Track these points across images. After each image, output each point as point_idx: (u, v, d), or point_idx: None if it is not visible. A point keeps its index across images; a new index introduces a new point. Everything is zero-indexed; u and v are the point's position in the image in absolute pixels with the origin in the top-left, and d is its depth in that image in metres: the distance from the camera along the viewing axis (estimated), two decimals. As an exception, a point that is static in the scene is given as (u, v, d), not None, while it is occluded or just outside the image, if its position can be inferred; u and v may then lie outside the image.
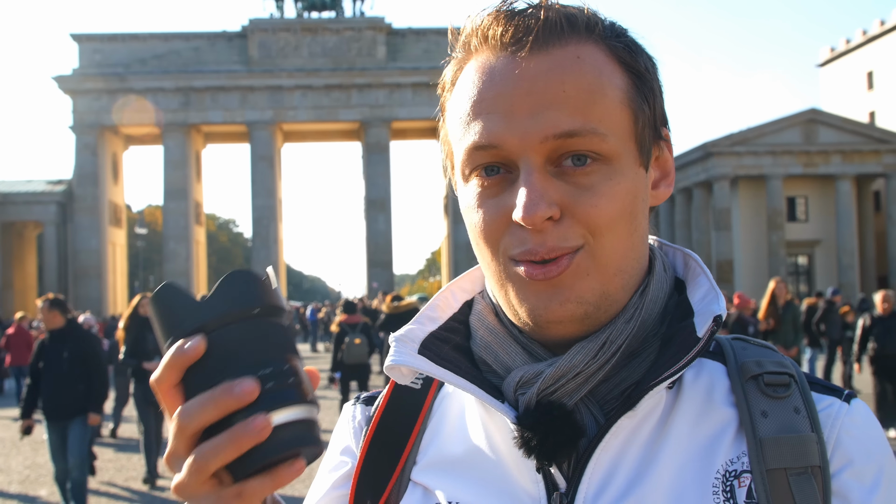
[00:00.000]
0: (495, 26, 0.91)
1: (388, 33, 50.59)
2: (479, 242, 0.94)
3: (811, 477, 0.87)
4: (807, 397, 0.92)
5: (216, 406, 0.72)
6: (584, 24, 0.91)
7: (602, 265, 0.90)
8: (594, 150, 0.88)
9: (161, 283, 0.82)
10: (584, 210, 0.88)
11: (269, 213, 48.89)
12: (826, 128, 46.20)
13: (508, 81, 0.89)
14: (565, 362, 0.91)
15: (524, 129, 0.88)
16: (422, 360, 0.97)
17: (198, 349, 0.73)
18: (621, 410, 0.89)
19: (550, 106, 0.87)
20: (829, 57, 69.70)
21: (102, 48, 49.47)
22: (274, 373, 0.74)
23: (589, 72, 0.89)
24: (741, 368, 0.94)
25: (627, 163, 0.91)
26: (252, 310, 0.75)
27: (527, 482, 0.93)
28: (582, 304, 0.90)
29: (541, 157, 0.88)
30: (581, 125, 0.87)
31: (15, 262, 51.14)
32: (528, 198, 0.86)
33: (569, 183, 0.89)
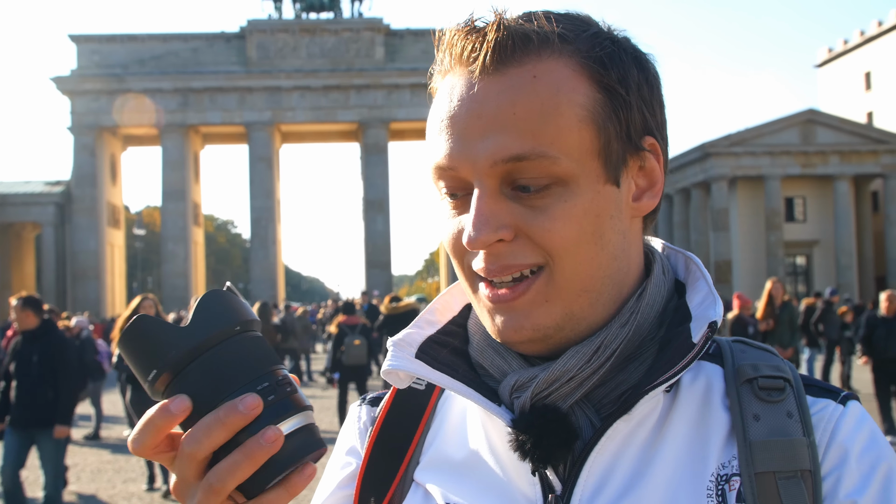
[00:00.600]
0: (458, 43, 0.90)
1: (386, 34, 50.62)
2: (451, 258, 0.96)
3: (800, 481, 0.86)
4: (801, 402, 0.91)
5: (224, 426, 0.72)
6: (539, 39, 0.88)
7: (563, 289, 0.89)
8: (545, 174, 0.86)
9: (159, 285, 0.82)
10: (537, 233, 0.87)
11: (267, 213, 48.89)
12: (824, 128, 46.25)
13: (463, 103, 0.88)
14: (558, 367, 0.91)
15: (475, 152, 0.87)
16: (419, 364, 0.98)
17: (185, 408, 0.74)
18: (617, 414, 0.89)
19: (499, 129, 0.86)
20: (827, 57, 69.79)
21: (101, 49, 49.47)
22: (271, 385, 0.75)
23: (544, 91, 0.87)
24: (737, 372, 0.94)
25: (587, 182, 0.88)
26: (233, 328, 0.76)
27: (524, 485, 0.93)
28: (539, 329, 0.90)
29: (493, 179, 0.87)
30: (530, 149, 0.85)
31: (13, 264, 51.12)
32: (472, 223, 0.87)
33: (524, 205, 0.88)
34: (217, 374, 0.75)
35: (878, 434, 0.92)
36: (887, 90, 60.57)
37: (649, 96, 0.93)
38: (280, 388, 0.76)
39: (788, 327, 12.45)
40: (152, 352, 0.75)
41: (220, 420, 0.72)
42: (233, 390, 0.74)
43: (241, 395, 0.73)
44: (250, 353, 0.77)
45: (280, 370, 0.78)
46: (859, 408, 0.93)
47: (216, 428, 0.72)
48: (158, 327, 0.75)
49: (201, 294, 0.78)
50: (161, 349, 0.74)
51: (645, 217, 0.98)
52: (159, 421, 0.74)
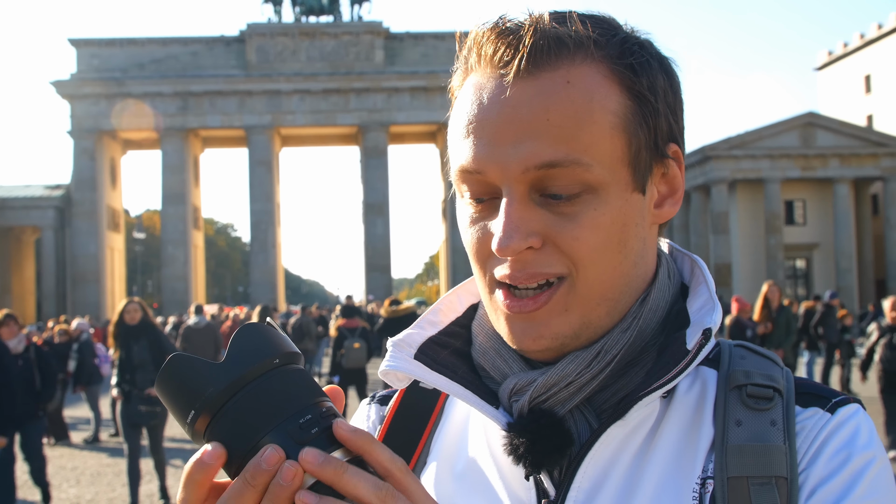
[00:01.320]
0: (488, 44, 0.89)
1: (385, 37, 50.63)
2: (471, 261, 0.95)
3: (774, 488, 0.85)
4: (788, 411, 0.90)
5: (253, 488, 0.69)
6: (574, 44, 0.87)
7: (583, 297, 0.89)
8: (577, 181, 0.86)
9: (158, 289, 0.79)
10: (565, 242, 0.87)
11: (267, 217, 48.88)
12: (824, 131, 46.23)
13: (494, 106, 0.87)
14: (556, 371, 0.90)
15: (506, 158, 0.86)
16: (417, 365, 0.97)
17: (219, 457, 0.70)
18: (612, 420, 0.89)
19: (533, 135, 0.85)
20: (826, 60, 69.81)
21: (100, 53, 49.50)
22: (314, 418, 0.72)
23: (578, 98, 0.86)
24: (728, 377, 0.93)
25: (616, 190, 0.88)
26: (272, 360, 0.73)
27: (519, 489, 0.93)
28: (557, 338, 0.90)
29: (523, 185, 0.86)
30: (563, 156, 0.85)
31: (13, 267, 51.11)
32: (503, 230, 0.86)
33: (553, 212, 0.87)
34: (257, 409, 0.71)
35: (863, 433, 0.89)
36: (887, 93, 60.57)
37: (673, 103, 0.93)
38: (324, 420, 0.72)
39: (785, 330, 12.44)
40: (189, 392, 0.72)
41: (249, 483, 0.69)
42: (273, 426, 0.70)
43: (264, 448, 0.69)
44: (291, 386, 0.73)
45: (325, 402, 0.75)
46: (850, 412, 0.90)
47: (247, 491, 0.69)
48: (194, 365, 0.72)
49: (201, 298, 0.76)
50: (197, 388, 0.71)
51: (661, 226, 0.98)
52: (198, 475, 0.71)
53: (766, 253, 45.82)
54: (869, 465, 0.86)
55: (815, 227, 48.70)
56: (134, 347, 8.91)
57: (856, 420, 0.90)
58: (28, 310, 50.84)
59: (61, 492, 10.15)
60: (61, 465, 11.98)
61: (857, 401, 0.92)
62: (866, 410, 0.93)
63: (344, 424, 0.72)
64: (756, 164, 45.72)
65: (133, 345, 8.93)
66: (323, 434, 0.71)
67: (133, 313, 8.97)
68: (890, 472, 0.89)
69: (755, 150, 45.57)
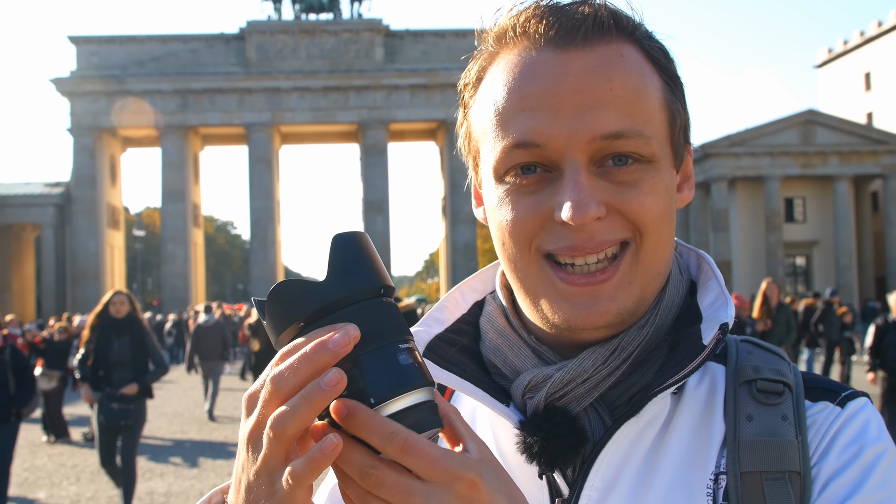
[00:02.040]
0: (536, 20, 0.88)
1: (385, 35, 50.62)
2: (507, 240, 0.91)
3: (787, 482, 0.85)
4: (798, 405, 0.90)
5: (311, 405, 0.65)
6: (627, 23, 0.90)
7: (644, 269, 0.89)
8: (638, 152, 0.86)
9: (158, 286, 0.75)
10: (631, 208, 0.87)
11: (267, 214, 48.88)
12: (824, 129, 46.24)
13: (554, 77, 0.86)
14: (575, 366, 0.89)
15: (571, 127, 0.85)
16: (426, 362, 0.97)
17: (340, 383, 0.65)
18: (626, 416, 0.88)
19: (598, 105, 0.85)
20: (826, 58, 69.79)
21: (100, 50, 49.48)
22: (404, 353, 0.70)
23: (633, 71, 0.87)
24: (738, 372, 0.93)
25: (665, 164, 0.90)
26: (378, 290, 0.72)
27: (531, 487, 0.92)
28: (622, 313, 0.89)
29: (585, 156, 0.86)
30: (628, 127, 0.85)
31: (13, 265, 51.11)
32: (578, 197, 0.84)
33: (612, 182, 0.87)
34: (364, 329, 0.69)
35: (872, 426, 0.89)
36: (887, 91, 60.56)
37: (684, 96, 0.96)
38: (412, 356, 0.70)
39: (785, 328, 12.46)
40: (293, 304, 0.70)
41: (305, 398, 0.65)
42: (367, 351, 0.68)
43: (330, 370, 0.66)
44: (388, 318, 0.71)
45: (412, 339, 0.73)
46: (859, 406, 0.90)
47: (302, 406, 0.65)
48: (300, 283, 0.71)
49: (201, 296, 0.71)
50: (302, 301, 0.70)
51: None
52: (315, 398, 0.65)
53: (765, 250, 45.83)
54: (881, 458, 0.86)
55: (815, 224, 48.72)
56: (115, 343, 8.16)
57: (865, 413, 0.90)
58: (28, 307, 50.85)
59: (61, 489, 10.15)
60: (61, 462, 11.98)
61: (865, 395, 0.93)
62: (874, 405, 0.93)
63: (339, 405, 0.68)
64: (756, 161, 45.72)
65: (114, 340, 8.17)
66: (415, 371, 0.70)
67: (119, 305, 8.29)
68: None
69: (755, 147, 45.58)
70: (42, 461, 12.15)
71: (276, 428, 0.65)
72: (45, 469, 11.50)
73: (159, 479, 10.42)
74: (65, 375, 14.19)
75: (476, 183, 1.00)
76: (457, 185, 48.06)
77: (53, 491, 10.06)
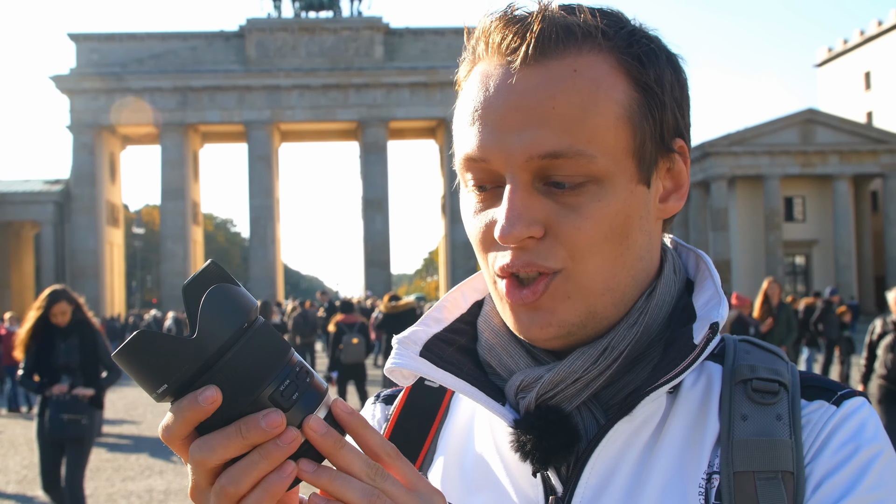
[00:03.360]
0: (496, 33, 0.88)
1: (385, 33, 50.61)
2: (476, 252, 0.94)
3: (780, 482, 0.84)
4: (794, 405, 0.89)
5: (243, 440, 0.70)
6: (582, 33, 0.87)
7: (584, 287, 0.88)
8: (581, 172, 0.85)
9: (158, 284, 0.76)
10: (567, 231, 0.86)
11: (266, 212, 48.89)
12: (823, 128, 46.24)
13: (500, 93, 0.86)
14: (564, 368, 0.90)
15: (510, 145, 0.85)
16: (422, 362, 0.97)
17: (215, 400, 0.69)
18: (619, 415, 0.88)
19: (537, 123, 0.84)
20: (826, 57, 69.78)
21: (100, 48, 49.46)
22: (293, 382, 0.72)
23: (584, 87, 0.85)
24: (734, 372, 0.93)
25: (621, 181, 0.87)
26: (242, 326, 0.71)
27: (526, 486, 0.93)
28: (564, 326, 0.89)
29: (527, 174, 0.86)
30: (567, 146, 0.84)
31: (12, 262, 51.11)
32: (506, 217, 0.85)
33: (557, 202, 0.86)
34: (234, 380, 0.70)
35: (869, 426, 0.88)
36: (887, 90, 60.56)
37: (680, 98, 0.93)
38: (300, 380, 0.73)
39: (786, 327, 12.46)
40: (160, 368, 0.69)
41: (241, 434, 0.69)
42: (255, 395, 0.70)
43: (266, 410, 0.70)
44: (263, 349, 0.72)
45: (294, 357, 0.74)
46: (855, 405, 0.90)
47: (235, 440, 0.70)
48: (164, 343, 0.69)
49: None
50: (170, 366, 0.69)
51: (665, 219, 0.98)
52: (188, 412, 0.70)
53: (765, 249, 45.85)
54: (876, 458, 0.85)
55: (815, 223, 48.74)
56: (60, 346, 7.13)
57: (862, 413, 0.89)
58: (27, 305, 50.75)
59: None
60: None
61: (862, 394, 0.92)
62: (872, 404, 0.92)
63: (342, 405, 0.75)
64: (755, 160, 45.73)
65: (59, 343, 7.14)
66: (304, 398, 0.73)
67: (61, 316, 7.14)
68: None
69: (755, 146, 45.58)
70: (41, 459, 12.15)
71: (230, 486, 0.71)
72: (44, 466, 11.49)
73: (158, 477, 10.42)
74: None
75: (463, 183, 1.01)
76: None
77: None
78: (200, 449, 0.71)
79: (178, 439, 0.72)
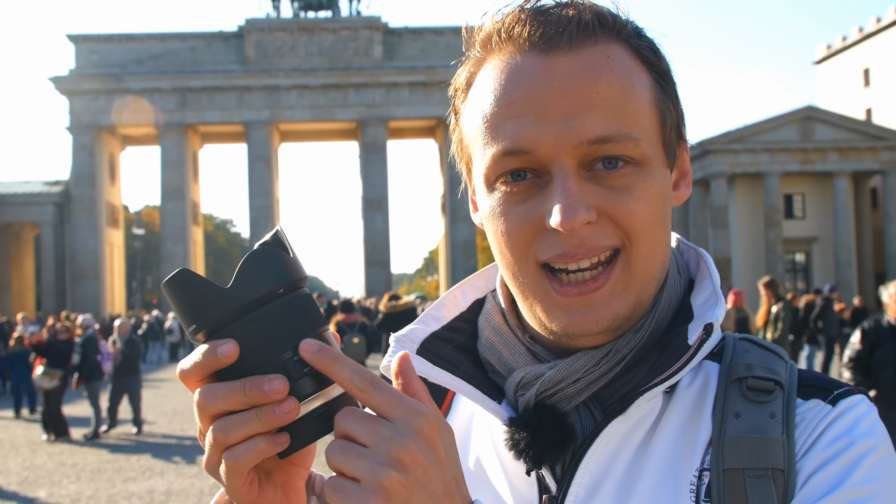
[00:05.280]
0: (521, 24, 0.88)
1: (384, 32, 50.57)
2: (504, 251, 0.91)
3: (770, 479, 0.84)
4: (789, 404, 0.89)
5: (245, 398, 0.72)
6: (613, 23, 0.89)
7: (638, 275, 0.89)
8: (628, 155, 0.86)
9: (158, 285, 0.78)
10: (621, 214, 0.86)
11: (266, 212, 48.85)
12: (823, 125, 46.19)
13: (540, 82, 0.86)
14: (566, 366, 0.90)
15: (558, 133, 0.85)
16: (418, 360, 0.97)
17: (231, 356, 0.72)
18: (613, 415, 0.89)
19: (584, 109, 0.85)
20: (825, 54, 69.71)
21: (99, 49, 49.42)
22: (302, 359, 0.74)
23: (620, 73, 0.87)
24: (731, 370, 0.93)
25: (658, 165, 0.89)
26: (277, 290, 0.74)
27: (521, 484, 0.93)
28: (617, 319, 0.89)
29: (574, 160, 0.86)
30: (616, 130, 0.85)
31: (12, 264, 51.08)
32: (567, 203, 0.84)
33: (603, 186, 0.87)
34: (257, 339, 0.73)
35: (864, 422, 0.87)
36: (886, 87, 60.51)
37: (677, 92, 0.95)
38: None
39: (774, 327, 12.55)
40: (193, 308, 0.74)
41: (244, 391, 0.72)
42: (270, 359, 0.73)
43: (272, 375, 0.72)
44: (291, 317, 0.74)
45: (326, 335, 0.77)
46: (852, 403, 0.89)
47: (236, 395, 0.72)
48: (200, 285, 0.74)
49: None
50: (201, 307, 0.73)
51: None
52: (206, 359, 0.73)
53: (765, 247, 45.81)
54: (869, 453, 0.84)
55: (815, 220, 48.69)
56: None
57: (857, 410, 0.88)
58: (27, 306, 50.82)
59: (61, 488, 10.15)
60: (61, 461, 11.99)
61: (861, 391, 0.91)
62: (872, 402, 0.91)
63: (308, 344, 0.73)
64: (755, 158, 45.68)
65: None
66: (313, 374, 0.74)
67: None
68: (894, 462, 0.86)
69: (754, 144, 45.54)
70: (42, 460, 12.15)
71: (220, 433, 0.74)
72: (46, 468, 11.51)
73: (159, 478, 10.43)
74: (66, 375, 14.21)
75: (471, 189, 1.00)
76: (456, 182, 47.69)
77: (53, 490, 10.06)
78: (205, 396, 0.74)
79: (193, 381, 0.75)
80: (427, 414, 0.72)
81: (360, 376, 0.72)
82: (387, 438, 0.70)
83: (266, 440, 0.73)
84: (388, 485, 0.68)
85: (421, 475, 0.70)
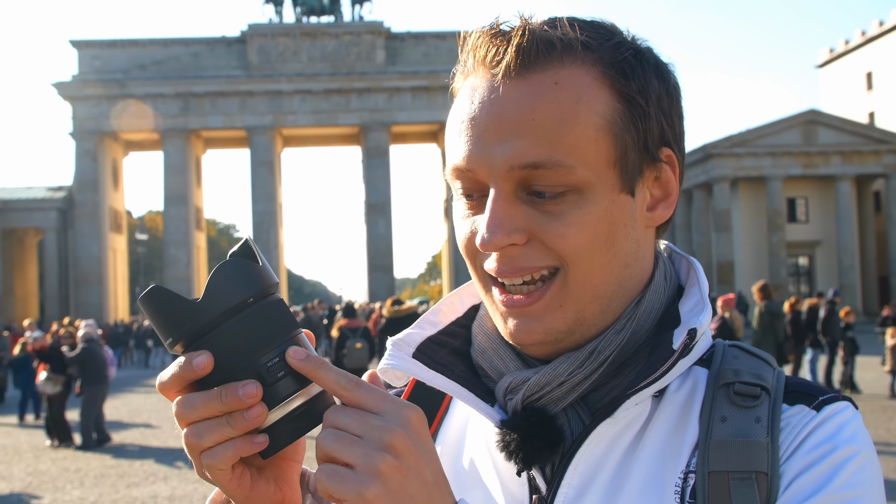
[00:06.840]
0: (482, 47, 0.91)
1: (386, 37, 50.64)
2: (464, 257, 0.97)
3: (754, 482, 0.86)
4: (774, 409, 0.91)
5: (221, 405, 0.75)
6: (562, 46, 0.89)
7: (577, 294, 0.91)
8: (560, 182, 0.88)
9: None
10: (550, 238, 0.89)
11: (269, 217, 48.91)
12: (825, 129, 46.18)
13: (484, 106, 0.90)
14: (549, 371, 0.92)
15: (492, 156, 0.88)
16: (414, 363, 0.99)
17: (205, 366, 0.76)
18: (601, 418, 0.91)
19: (517, 135, 0.87)
20: (828, 58, 69.73)
21: (102, 54, 49.54)
22: (282, 361, 0.77)
23: (564, 99, 0.87)
24: (718, 375, 0.94)
25: (602, 191, 0.89)
26: (247, 299, 0.77)
27: (513, 485, 0.95)
28: (551, 333, 0.92)
29: (509, 183, 0.89)
30: (546, 157, 0.87)
31: (16, 269, 51.16)
32: (486, 226, 0.88)
33: (538, 210, 0.89)
34: (226, 349, 0.76)
35: (847, 428, 0.89)
36: (889, 90, 60.50)
37: (668, 108, 0.94)
38: (285, 362, 0.78)
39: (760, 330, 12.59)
40: (168, 322, 0.77)
41: (220, 398, 0.75)
42: (239, 367, 0.76)
43: (245, 381, 0.75)
44: (264, 324, 0.77)
45: (299, 339, 0.80)
46: (836, 409, 0.90)
47: (213, 403, 0.76)
48: (172, 300, 0.76)
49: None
50: (176, 322, 0.76)
51: (657, 226, 0.99)
52: (182, 371, 0.77)
53: (768, 250, 45.78)
54: (851, 458, 0.86)
55: (818, 224, 48.66)
56: None
57: (842, 416, 0.90)
58: (31, 311, 50.87)
59: (65, 493, 10.16)
60: (65, 466, 12.00)
61: (847, 399, 0.92)
62: (858, 409, 0.93)
63: (295, 352, 0.77)
64: (758, 161, 45.67)
65: None
66: (289, 376, 0.77)
67: None
68: (876, 468, 0.88)
69: (757, 147, 45.53)
70: (45, 465, 12.16)
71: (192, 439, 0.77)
72: (49, 473, 11.51)
73: (163, 483, 10.43)
74: (68, 380, 14.21)
75: None
76: (459, 186, 48.01)
77: (57, 495, 10.06)
78: (183, 405, 0.77)
79: (172, 392, 0.79)
80: (414, 406, 0.76)
81: (345, 378, 0.76)
82: (378, 427, 0.73)
83: (244, 440, 0.77)
84: (384, 468, 0.72)
85: (413, 462, 0.74)
